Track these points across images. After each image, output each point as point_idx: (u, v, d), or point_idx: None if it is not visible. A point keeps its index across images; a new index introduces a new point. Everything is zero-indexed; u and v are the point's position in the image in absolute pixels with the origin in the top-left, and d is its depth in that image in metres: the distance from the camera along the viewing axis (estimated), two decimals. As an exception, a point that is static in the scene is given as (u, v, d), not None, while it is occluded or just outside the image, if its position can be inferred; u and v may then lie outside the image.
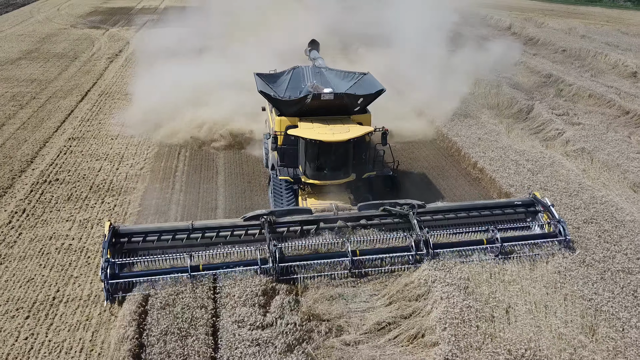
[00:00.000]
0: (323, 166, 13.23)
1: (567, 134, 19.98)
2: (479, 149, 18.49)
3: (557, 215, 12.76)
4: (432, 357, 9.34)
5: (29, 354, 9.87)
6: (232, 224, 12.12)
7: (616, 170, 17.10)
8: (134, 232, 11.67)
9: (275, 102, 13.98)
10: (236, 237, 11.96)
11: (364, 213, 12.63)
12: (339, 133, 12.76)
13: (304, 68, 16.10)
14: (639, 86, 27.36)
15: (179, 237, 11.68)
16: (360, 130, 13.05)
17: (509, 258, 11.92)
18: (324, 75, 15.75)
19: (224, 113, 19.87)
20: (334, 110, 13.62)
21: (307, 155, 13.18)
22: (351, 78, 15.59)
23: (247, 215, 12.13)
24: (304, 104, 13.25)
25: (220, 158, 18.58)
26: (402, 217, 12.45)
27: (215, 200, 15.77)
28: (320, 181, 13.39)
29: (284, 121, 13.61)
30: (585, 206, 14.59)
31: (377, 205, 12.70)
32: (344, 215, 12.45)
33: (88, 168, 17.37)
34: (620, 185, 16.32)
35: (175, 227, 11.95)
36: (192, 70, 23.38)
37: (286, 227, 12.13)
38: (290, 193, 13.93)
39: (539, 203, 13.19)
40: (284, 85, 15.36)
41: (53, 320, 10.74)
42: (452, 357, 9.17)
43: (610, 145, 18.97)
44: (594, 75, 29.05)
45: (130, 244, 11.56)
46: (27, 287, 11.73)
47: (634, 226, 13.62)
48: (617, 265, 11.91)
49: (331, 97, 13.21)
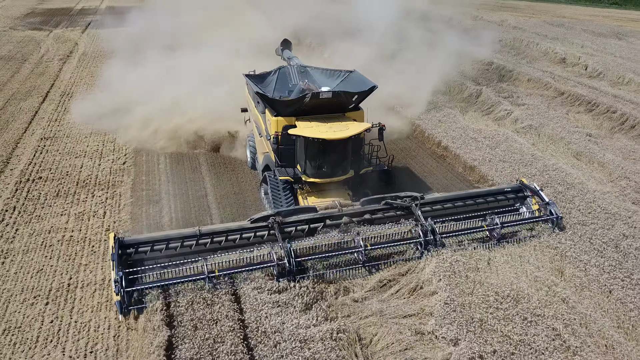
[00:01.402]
0: (324, 164, 13.28)
1: (514, 113, 22.13)
2: (440, 130, 20.22)
3: (547, 198, 13.59)
4: (433, 303, 10.67)
5: (59, 335, 10.32)
6: (240, 227, 12.05)
7: (560, 142, 19.31)
8: (140, 242, 11.35)
9: (273, 102, 13.78)
10: (245, 239, 11.94)
11: (367, 208, 12.90)
12: (339, 130, 12.86)
13: (289, 68, 16.07)
14: (569, 70, 30.28)
15: (187, 244, 11.54)
16: (359, 127, 13.20)
17: (508, 242, 12.72)
18: (310, 75, 15.77)
19: (204, 117, 19.27)
20: (329, 109, 13.71)
21: (308, 154, 13.23)
22: (337, 76, 15.63)
23: (254, 217, 12.14)
24: (302, 103, 13.19)
25: (201, 151, 19.11)
26: (405, 209, 12.92)
27: (204, 189, 16.44)
28: (321, 179, 13.49)
29: (280, 121, 13.51)
30: (540, 173, 16.54)
31: (379, 200, 12.99)
32: (348, 212, 12.71)
33: (69, 165, 17.49)
34: (566, 155, 18.48)
35: (182, 234, 11.70)
36: (156, 71, 23.39)
37: (294, 226, 12.24)
38: (288, 193, 13.90)
39: (527, 188, 14.02)
40: (271, 86, 15.32)
41: (74, 304, 11.19)
42: (450, 302, 10.54)
43: (553, 122, 21.25)
44: (529, 62, 31.75)
45: (137, 254, 11.28)
46: (38, 277, 12.05)
47: (582, 187, 15.65)
48: (573, 219, 13.79)
49: (329, 95, 13.26)
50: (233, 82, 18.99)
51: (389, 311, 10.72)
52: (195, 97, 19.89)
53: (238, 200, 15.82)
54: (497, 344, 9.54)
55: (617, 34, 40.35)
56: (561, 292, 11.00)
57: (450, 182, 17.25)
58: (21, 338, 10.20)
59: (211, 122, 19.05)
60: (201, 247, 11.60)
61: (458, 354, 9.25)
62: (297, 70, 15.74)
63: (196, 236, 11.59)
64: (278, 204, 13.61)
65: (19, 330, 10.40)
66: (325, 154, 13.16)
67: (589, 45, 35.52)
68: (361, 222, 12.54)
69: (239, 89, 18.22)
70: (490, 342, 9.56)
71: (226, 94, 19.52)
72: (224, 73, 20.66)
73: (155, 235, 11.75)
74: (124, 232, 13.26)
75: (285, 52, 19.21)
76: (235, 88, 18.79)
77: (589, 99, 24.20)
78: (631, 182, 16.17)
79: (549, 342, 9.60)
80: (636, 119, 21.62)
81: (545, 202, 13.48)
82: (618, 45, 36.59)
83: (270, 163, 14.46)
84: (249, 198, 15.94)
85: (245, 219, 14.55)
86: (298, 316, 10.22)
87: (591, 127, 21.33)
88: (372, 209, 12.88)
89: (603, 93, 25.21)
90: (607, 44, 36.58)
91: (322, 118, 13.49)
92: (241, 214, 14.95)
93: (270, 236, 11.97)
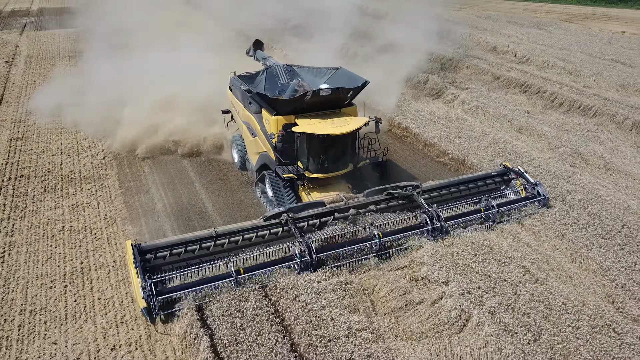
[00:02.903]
0: (327, 159, 13.61)
1: (461, 96, 24.41)
2: (399, 113, 22.09)
3: (532, 180, 14.62)
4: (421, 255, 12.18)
5: (86, 311, 10.99)
6: (254, 226, 12.17)
7: (504, 119, 21.71)
8: (158, 247, 11.29)
9: (273, 102, 13.90)
10: (260, 237, 12.11)
11: (371, 199, 13.31)
12: (341, 126, 13.15)
13: (276, 68, 16.26)
14: (501, 57, 33.19)
15: (205, 246, 11.58)
16: (359, 121, 13.59)
17: (502, 222, 13.62)
18: (297, 73, 16.05)
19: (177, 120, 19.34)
20: (326, 106, 14.03)
21: (311, 151, 13.49)
22: (324, 74, 15.95)
23: (267, 215, 12.32)
24: (302, 101, 13.42)
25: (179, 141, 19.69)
26: (406, 198, 13.50)
27: (189, 177, 17.26)
28: (324, 174, 13.81)
29: (280, 120, 13.71)
30: (492, 146, 18.73)
31: (381, 191, 13.41)
32: (354, 204, 13.06)
33: (49, 163, 17.71)
34: (510, 130, 20.86)
35: (198, 236, 11.68)
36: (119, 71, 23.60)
37: (305, 221, 12.52)
38: (289, 190, 14.13)
39: (511, 171, 15.03)
40: (261, 86, 15.59)
41: (92, 284, 11.85)
42: (436, 253, 12.09)
43: (495, 102, 23.71)
44: (465, 51, 34.50)
45: (157, 260, 11.26)
46: (49, 264, 12.56)
47: (528, 155, 17.94)
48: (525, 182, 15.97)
49: (329, 92, 13.52)
50: (207, 83, 19.77)
51: (384, 265, 12.21)
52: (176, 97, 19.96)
53: (225, 185, 16.79)
54: (480, 281, 11.29)
55: (537, 25, 44.30)
56: (524, 239, 13.00)
57: (414, 158, 19.11)
58: (50, 317, 10.81)
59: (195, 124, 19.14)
60: (218, 247, 11.70)
61: (450, 292, 10.89)
62: (285, 70, 16.08)
63: (213, 237, 11.63)
64: (281, 202, 13.84)
65: (46, 311, 10.99)
66: (328, 150, 13.51)
67: (515, 35, 38.97)
68: (367, 213, 12.98)
69: (214, 90, 19.02)
70: (474, 281, 11.29)
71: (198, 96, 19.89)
72: (192, 73, 21.09)
73: (172, 239, 11.66)
74: (136, 238, 13.26)
75: (258, 52, 19.43)
76: (213, 88, 19.49)
77: (521, 82, 27.02)
78: (567, 149, 18.68)
79: (520, 277, 11.45)
80: (563, 97, 24.52)
81: (533, 183, 14.49)
82: (539, 34, 40.32)
83: (269, 162, 14.62)
84: (234, 182, 16.97)
85: (234, 201, 15.81)
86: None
87: (527, 106, 24.01)
88: (377, 199, 13.35)
89: (533, 76, 28.15)
90: (529, 33, 40.23)
91: (321, 115, 13.85)
92: (230, 197, 16.02)
93: (284, 232, 12.24)
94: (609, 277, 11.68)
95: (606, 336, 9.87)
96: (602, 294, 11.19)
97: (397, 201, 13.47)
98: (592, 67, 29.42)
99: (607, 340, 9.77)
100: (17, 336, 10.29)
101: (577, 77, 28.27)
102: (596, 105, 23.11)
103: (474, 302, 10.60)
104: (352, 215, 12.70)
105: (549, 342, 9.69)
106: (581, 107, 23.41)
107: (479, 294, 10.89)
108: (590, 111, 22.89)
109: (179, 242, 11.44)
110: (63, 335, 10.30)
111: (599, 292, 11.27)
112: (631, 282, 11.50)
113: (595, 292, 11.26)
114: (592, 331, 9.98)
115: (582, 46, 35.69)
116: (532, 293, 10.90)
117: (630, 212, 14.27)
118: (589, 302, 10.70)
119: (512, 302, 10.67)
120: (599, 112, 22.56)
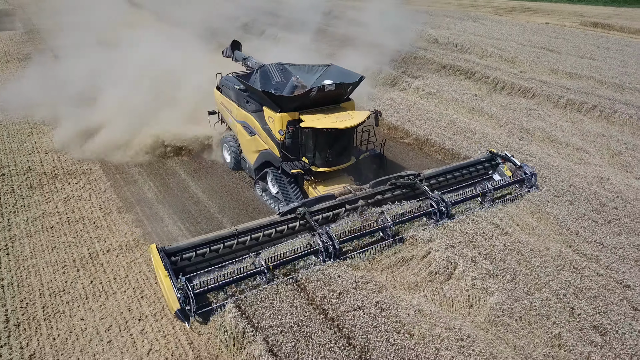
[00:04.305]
0: (334, 153, 14.03)
1: (414, 84, 26.31)
2: (360, 101, 23.46)
3: (519, 162, 15.57)
4: (405, 220, 13.75)
5: (104, 290, 11.64)
6: (272, 221, 12.45)
7: (456, 102, 23.76)
8: (182, 248, 11.40)
9: (279, 99, 14.03)
10: (279, 233, 12.44)
11: (377, 189, 13.82)
12: (347, 120, 13.47)
13: (268, 66, 16.40)
14: (443, 48, 35.56)
15: (229, 244, 11.76)
16: (363, 114, 14.00)
17: (497, 202, 14.42)
18: (289, 71, 16.33)
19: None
20: (328, 101, 14.36)
21: (318, 145, 13.83)
22: (316, 71, 16.18)
23: (283, 211, 12.67)
24: (307, 97, 13.72)
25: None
26: (410, 186, 14.17)
27: (173, 167, 17.90)
28: (330, 168, 14.18)
29: (285, 117, 13.88)
30: (449, 125, 20.63)
31: (385, 181, 13.98)
32: (361, 195, 13.55)
33: (28, 161, 17.74)
34: (462, 111, 22.92)
35: (220, 235, 11.84)
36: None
37: (320, 214, 12.91)
38: (294, 186, 14.40)
39: (497, 156, 16.04)
40: (256, 84, 15.53)
41: (103, 267, 12.45)
42: (418, 217, 13.73)
43: (445, 88, 25.79)
44: (411, 43, 36.62)
45: (182, 261, 11.34)
46: (56, 252, 13.00)
47: (482, 132, 19.98)
48: (484, 152, 17.87)
49: (332, 87, 13.93)
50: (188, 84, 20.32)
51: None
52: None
53: (209, 173, 17.61)
54: (459, 237, 12.87)
55: (471, 17, 47.44)
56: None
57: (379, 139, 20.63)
58: (71, 297, 11.38)
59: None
60: (241, 245, 11.92)
61: (436, 247, 12.41)
62: (277, 68, 16.38)
63: (234, 235, 11.85)
64: (288, 198, 14.11)
65: (65, 292, 11.53)
66: (334, 143, 13.93)
67: (453, 28, 41.69)
68: (374, 203, 13.49)
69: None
70: (455, 237, 12.86)
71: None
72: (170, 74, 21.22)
73: (194, 240, 11.73)
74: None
75: (236, 53, 19.51)
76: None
77: (466, 69, 29.35)
78: (515, 125, 20.90)
79: (492, 231, 13.15)
80: (505, 81, 26.98)
81: (519, 165, 15.43)
82: (475, 26, 43.32)
83: (273, 159, 14.84)
84: (218, 170, 17.80)
85: (221, 187, 16.71)
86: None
87: (474, 90, 26.27)
88: (382, 189, 13.94)
89: (475, 64, 30.57)
90: (466, 25, 43.14)
91: (324, 110, 14.16)
92: (217, 182, 16.91)
93: (301, 226, 12.63)
94: (564, 226, 13.67)
95: (569, 272, 11.74)
96: (561, 240, 13.13)
97: (400, 190, 14.16)
98: (525, 55, 32.33)
99: (570, 274, 11.64)
100: (44, 316, 10.82)
101: (513, 63, 31.01)
102: (534, 87, 25.67)
103: (457, 254, 12.20)
104: (362, 206, 13.23)
105: (524, 280, 11.44)
106: (521, 89, 25.92)
107: (460, 247, 12.49)
108: (529, 92, 25.42)
109: (202, 242, 11.57)
110: (89, 312, 10.95)
111: (558, 239, 13.20)
112: (582, 229, 13.54)
113: (555, 239, 13.18)
114: (557, 269, 11.82)
115: (514, 36, 38.85)
116: (504, 243, 12.64)
117: (575, 175, 16.49)
118: (551, 247, 12.58)
119: (489, 251, 12.36)
120: (537, 93, 25.11)
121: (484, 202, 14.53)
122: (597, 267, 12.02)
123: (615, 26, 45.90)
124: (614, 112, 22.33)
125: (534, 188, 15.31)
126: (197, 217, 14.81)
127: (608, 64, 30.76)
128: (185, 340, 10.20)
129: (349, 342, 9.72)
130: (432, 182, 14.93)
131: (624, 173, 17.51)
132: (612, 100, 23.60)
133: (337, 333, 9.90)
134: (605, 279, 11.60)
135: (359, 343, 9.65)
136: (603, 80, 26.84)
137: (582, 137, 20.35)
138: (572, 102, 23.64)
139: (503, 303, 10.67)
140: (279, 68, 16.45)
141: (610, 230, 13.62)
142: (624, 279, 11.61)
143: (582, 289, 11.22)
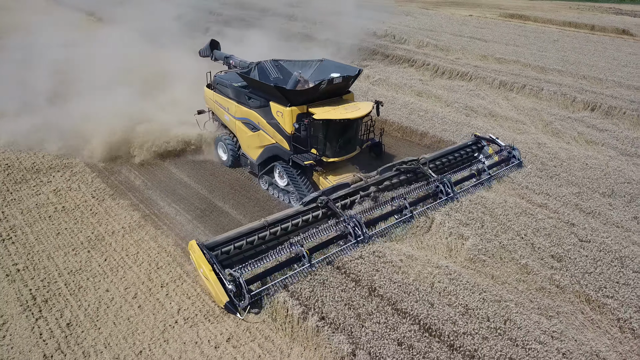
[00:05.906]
0: (343, 143, 14.62)
1: (364, 72, 28.22)
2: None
3: (503, 143, 17.07)
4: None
5: (120, 265, 12.44)
6: (297, 211, 12.99)
7: (405, 87, 25.95)
8: (219, 243, 11.73)
9: (290, 93, 14.30)
10: (304, 222, 12.93)
11: (385, 175, 14.66)
12: (356, 110, 13.98)
13: (265, 63, 16.65)
14: (383, 40, 37.84)
15: (262, 235, 12.16)
16: (368, 105, 14.51)
17: (496, 180, 15.86)
18: (284, 67, 16.66)
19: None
20: (332, 94, 14.92)
21: (328, 136, 14.31)
22: (310, 66, 16.55)
23: (305, 200, 13.23)
24: (317, 90, 14.13)
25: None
26: (413, 171, 15.10)
27: (160, 163, 18.57)
28: (339, 157, 14.75)
29: (294, 111, 14.24)
30: (404, 107, 22.68)
31: (390, 168, 14.83)
32: (372, 182, 14.31)
33: (5, 159, 17.77)
34: (412, 95, 25.12)
35: (252, 227, 12.25)
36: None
37: (339, 201, 13.51)
38: (304, 178, 14.93)
39: (482, 139, 17.40)
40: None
41: (112, 246, 13.16)
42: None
43: (394, 75, 27.95)
44: (350, 37, 38.57)
45: (222, 255, 11.63)
46: (61, 237, 13.54)
47: (434, 111, 22.18)
48: (439, 132, 20.03)
49: (340, 80, 14.51)
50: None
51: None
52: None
53: (192, 159, 18.50)
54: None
55: (404, 12, 50.38)
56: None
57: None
58: (90, 274, 12.10)
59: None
60: (273, 235, 12.41)
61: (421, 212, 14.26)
62: (272, 64, 16.77)
63: (265, 227, 12.32)
64: (300, 190, 14.65)
65: (82, 271, 12.23)
66: (343, 134, 14.52)
67: (388, 21, 44.20)
68: (383, 189, 14.37)
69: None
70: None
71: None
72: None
73: (229, 234, 12.05)
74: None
75: (215, 52, 19.59)
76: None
77: (407, 58, 31.75)
78: (460, 104, 23.32)
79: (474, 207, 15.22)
80: (444, 67, 29.59)
81: (503, 146, 16.94)
82: (407, 19, 46.18)
83: (281, 153, 15.18)
84: (199, 157, 18.72)
85: (210, 175, 17.70)
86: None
87: (418, 75, 28.65)
88: (388, 175, 14.87)
89: (414, 53, 33.06)
90: (401, 19, 45.91)
91: (330, 102, 14.75)
92: (204, 170, 17.88)
93: (324, 215, 13.24)
94: (516, 182, 15.97)
95: (525, 217, 13.95)
96: (515, 194, 15.41)
97: (405, 175, 15.12)
98: (457, 44, 35.28)
99: (527, 219, 13.85)
100: (69, 291, 11.51)
101: (448, 52, 33.82)
102: (470, 71, 28.41)
103: (433, 210, 14.09)
104: (373, 192, 14.04)
105: (491, 226, 13.50)
106: (459, 74, 28.57)
107: (435, 206, 14.39)
108: (467, 76, 28.11)
109: (237, 235, 11.97)
110: (112, 284, 11.77)
111: (513, 193, 15.48)
112: (531, 184, 15.90)
113: (510, 193, 15.44)
114: (516, 216, 13.99)
115: (445, 28, 41.97)
116: (469, 199, 14.69)
117: (517, 142, 18.95)
118: (509, 200, 14.78)
119: (458, 206, 14.33)
120: (474, 76, 27.85)
121: (479, 180, 15.65)
122: (547, 212, 14.36)
123: (530, 17, 50.54)
124: (540, 89, 25.37)
125: (521, 165, 16.88)
126: (189, 198, 15.77)
127: (529, 50, 34.31)
128: (209, 300, 11.31)
129: (357, 283, 11.28)
130: (431, 165, 15.79)
131: (556, 139, 20.29)
132: (538, 80, 26.74)
133: (346, 277, 11.43)
134: (554, 220, 13.91)
135: (366, 284, 11.24)
136: (528, 64, 30.13)
137: (518, 111, 23.10)
138: (504, 83, 26.52)
139: (478, 244, 12.66)
140: (275, 64, 16.83)
141: (553, 183, 16.08)
142: (570, 219, 13.99)
143: (538, 229, 13.44)
